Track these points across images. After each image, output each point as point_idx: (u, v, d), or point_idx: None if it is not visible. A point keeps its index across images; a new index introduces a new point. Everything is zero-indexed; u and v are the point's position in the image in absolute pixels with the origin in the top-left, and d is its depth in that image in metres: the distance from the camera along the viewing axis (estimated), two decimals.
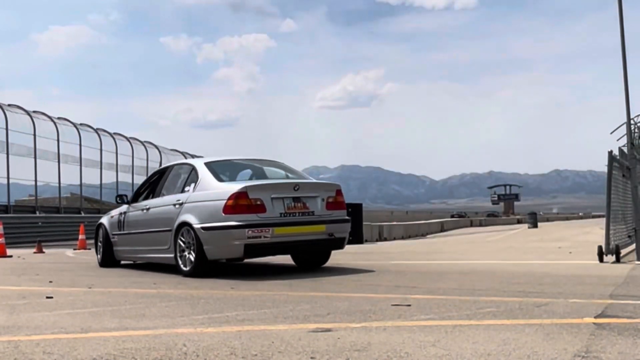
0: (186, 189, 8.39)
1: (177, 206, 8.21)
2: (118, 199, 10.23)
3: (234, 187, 7.68)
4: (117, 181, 33.21)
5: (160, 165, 36.64)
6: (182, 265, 7.94)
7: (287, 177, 8.57)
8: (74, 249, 16.42)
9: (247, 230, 7.34)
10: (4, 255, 13.04)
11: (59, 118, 29.14)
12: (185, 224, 7.90)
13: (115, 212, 10.18)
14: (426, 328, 3.67)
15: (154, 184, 9.55)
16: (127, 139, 34.88)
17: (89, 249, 16.35)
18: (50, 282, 7.20)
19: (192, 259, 7.74)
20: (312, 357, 2.96)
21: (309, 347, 3.16)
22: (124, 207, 9.82)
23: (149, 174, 37.11)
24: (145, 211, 9.15)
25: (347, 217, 8.41)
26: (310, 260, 8.65)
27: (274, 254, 8.56)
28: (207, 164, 8.50)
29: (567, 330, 3.52)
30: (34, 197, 26.98)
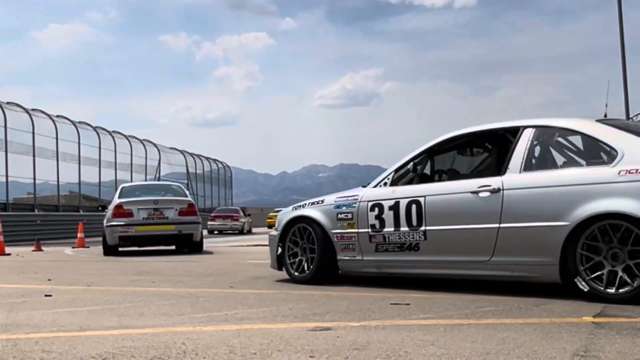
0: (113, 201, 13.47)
1: (107, 212, 13.34)
2: (100, 208, 16.95)
3: (117, 201, 12.97)
4: (115, 179, 33.19)
5: (159, 163, 36.71)
6: (103, 248, 13.05)
7: (161, 196, 13.68)
8: (73, 247, 16.42)
9: (119, 227, 12.59)
10: (3, 254, 13.03)
11: (57, 116, 29.11)
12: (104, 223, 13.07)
13: None
14: (425, 327, 3.67)
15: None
16: (126, 137, 34.86)
17: (88, 247, 16.34)
18: (49, 280, 7.20)
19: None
20: (311, 356, 2.96)
21: (308, 346, 3.16)
22: None
23: (147, 172, 37.34)
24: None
25: (195, 220, 13.04)
26: (191, 248, 13.19)
27: (140, 244, 13.37)
28: (123, 187, 14.29)
29: (566, 329, 3.52)
30: (32, 195, 26.96)
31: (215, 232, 31.82)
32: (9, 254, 13.00)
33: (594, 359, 2.85)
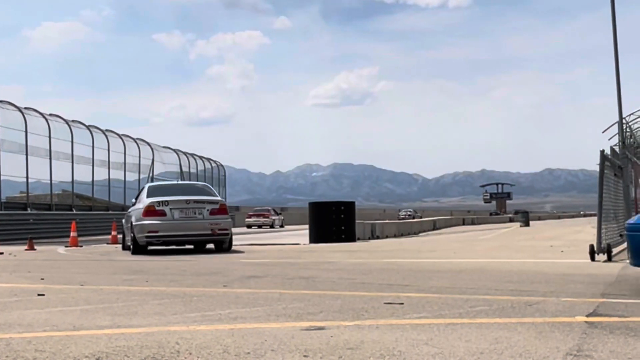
0: None
1: None
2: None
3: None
4: (109, 178, 33.08)
5: (152, 162, 36.66)
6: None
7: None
8: (66, 246, 16.37)
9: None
10: None
11: (50, 115, 28.97)
12: None
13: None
14: (419, 326, 3.67)
15: None
16: (120, 136, 34.74)
17: (81, 246, 16.30)
18: (42, 279, 7.17)
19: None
20: (305, 356, 2.96)
21: (302, 346, 3.16)
22: None
23: (140, 172, 37.71)
24: None
25: None
26: None
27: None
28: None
29: (559, 328, 3.53)
30: (25, 194, 26.84)
31: (253, 226, 39.14)
32: (2, 253, 12.95)
33: (587, 358, 2.85)
